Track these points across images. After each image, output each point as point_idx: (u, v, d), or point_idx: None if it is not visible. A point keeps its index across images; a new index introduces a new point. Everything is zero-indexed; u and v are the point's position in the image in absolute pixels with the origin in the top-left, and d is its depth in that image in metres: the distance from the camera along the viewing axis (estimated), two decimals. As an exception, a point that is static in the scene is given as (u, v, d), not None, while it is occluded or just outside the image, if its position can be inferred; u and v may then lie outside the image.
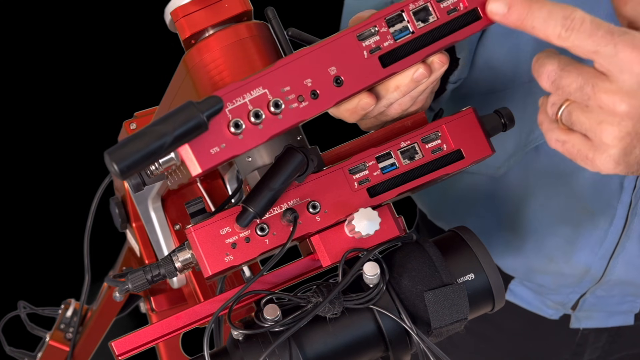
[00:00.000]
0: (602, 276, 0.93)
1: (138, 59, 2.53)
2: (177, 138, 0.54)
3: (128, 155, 0.52)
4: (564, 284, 0.97)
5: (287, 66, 0.59)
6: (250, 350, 0.65)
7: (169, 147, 0.53)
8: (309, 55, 0.60)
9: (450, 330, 0.67)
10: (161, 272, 0.66)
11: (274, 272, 0.69)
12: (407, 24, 0.62)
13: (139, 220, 0.91)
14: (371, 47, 0.62)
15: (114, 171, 0.52)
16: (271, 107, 0.59)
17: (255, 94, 0.59)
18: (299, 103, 0.59)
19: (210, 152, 0.57)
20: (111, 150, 0.52)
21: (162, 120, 0.54)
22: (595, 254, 0.92)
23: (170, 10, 0.65)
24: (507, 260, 0.99)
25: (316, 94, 0.60)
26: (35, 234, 2.32)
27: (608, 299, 0.99)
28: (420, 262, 0.67)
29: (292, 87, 0.59)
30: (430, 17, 0.62)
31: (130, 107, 0.93)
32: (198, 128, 0.55)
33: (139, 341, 0.66)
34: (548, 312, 1.04)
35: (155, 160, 0.55)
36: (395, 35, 0.62)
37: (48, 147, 2.46)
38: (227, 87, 0.58)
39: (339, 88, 0.61)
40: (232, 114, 0.58)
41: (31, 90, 2.53)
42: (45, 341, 1.17)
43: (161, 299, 0.99)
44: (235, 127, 0.58)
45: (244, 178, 0.69)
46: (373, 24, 0.62)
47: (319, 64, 0.60)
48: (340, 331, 0.65)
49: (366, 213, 0.65)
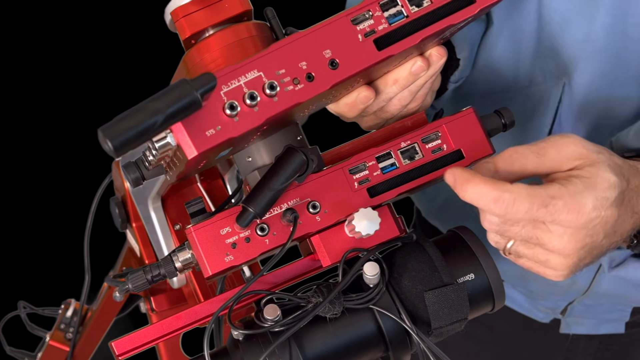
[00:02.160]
0: (588, 289, 0.94)
1: (138, 59, 2.53)
2: (171, 115, 0.53)
3: (122, 131, 0.52)
4: (552, 292, 0.98)
5: (281, 49, 0.59)
6: (250, 350, 0.65)
7: (162, 124, 0.53)
8: (303, 39, 0.60)
9: (450, 330, 0.67)
10: (161, 272, 0.66)
11: (274, 272, 0.69)
12: (401, 8, 0.62)
13: (139, 220, 0.91)
14: (365, 31, 0.62)
15: (108, 148, 0.51)
16: (266, 90, 0.58)
17: (250, 76, 0.59)
18: (294, 85, 0.60)
19: (205, 134, 0.57)
20: (105, 127, 0.52)
21: (156, 97, 0.53)
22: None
23: (170, 10, 0.65)
24: (498, 265, 0.99)
25: (311, 77, 0.60)
26: (35, 234, 2.32)
27: (597, 307, 0.99)
28: (420, 262, 0.67)
29: (287, 69, 0.59)
30: (425, 1, 0.63)
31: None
32: (191, 105, 0.54)
33: (139, 341, 0.66)
34: (539, 315, 1.04)
35: (149, 138, 0.55)
36: (389, 19, 0.62)
37: (48, 147, 2.46)
38: (222, 69, 0.58)
39: (334, 71, 0.61)
40: (227, 96, 0.58)
41: (31, 90, 2.53)
42: (45, 341, 1.17)
43: (161, 299, 0.99)
44: (231, 109, 0.58)
45: (244, 178, 0.69)
46: (367, 8, 0.62)
47: (314, 47, 0.60)
48: (341, 331, 0.65)
49: (366, 213, 0.65)
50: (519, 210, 0.58)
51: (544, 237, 0.61)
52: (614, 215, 0.61)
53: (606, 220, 0.61)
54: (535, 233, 0.61)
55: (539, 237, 0.61)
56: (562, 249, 0.61)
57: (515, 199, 0.57)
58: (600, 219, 0.60)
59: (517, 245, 0.63)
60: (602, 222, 0.61)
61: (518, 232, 0.61)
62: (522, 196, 0.57)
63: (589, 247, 0.62)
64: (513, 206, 0.57)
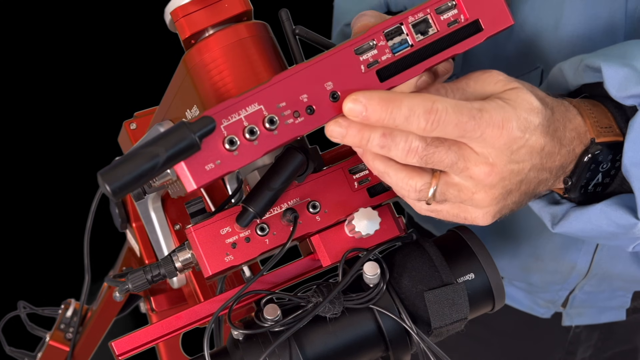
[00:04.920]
0: (588, 271, 0.94)
1: (138, 59, 2.53)
2: (169, 159, 0.54)
3: (120, 176, 0.52)
4: (551, 282, 0.98)
5: (283, 82, 0.58)
6: (251, 350, 0.65)
7: (161, 168, 0.54)
8: (305, 71, 0.59)
9: (450, 330, 0.67)
10: (161, 272, 0.66)
11: (274, 272, 0.69)
12: (406, 37, 0.61)
13: (139, 220, 0.91)
14: (369, 62, 0.60)
15: (107, 192, 0.53)
16: (266, 124, 0.58)
17: (250, 110, 0.58)
18: (294, 119, 0.59)
19: (205, 168, 0.57)
20: (104, 171, 0.53)
21: (155, 140, 0.54)
22: (580, 250, 0.92)
23: (170, 10, 0.65)
24: (497, 261, 0.99)
25: (312, 110, 0.59)
26: (35, 234, 2.33)
27: (598, 295, 0.99)
28: (420, 262, 0.67)
29: (288, 102, 0.58)
30: (430, 29, 0.61)
31: (130, 107, 0.93)
32: (190, 149, 0.54)
33: (139, 341, 0.66)
34: (540, 311, 1.04)
35: (148, 180, 0.55)
36: (393, 48, 0.60)
37: (48, 147, 2.46)
38: (222, 104, 0.57)
39: (335, 103, 0.59)
40: (227, 131, 0.57)
41: (31, 90, 2.53)
42: (45, 341, 1.17)
43: (161, 299, 0.99)
44: (230, 143, 0.57)
45: (244, 178, 0.69)
46: (371, 38, 0.60)
47: (315, 79, 0.59)
48: (341, 331, 0.65)
49: (366, 213, 0.65)
50: (450, 121, 0.56)
51: (470, 159, 0.59)
52: (540, 143, 0.60)
53: (532, 147, 0.60)
54: (462, 154, 0.59)
55: (466, 158, 0.59)
56: (487, 173, 0.59)
57: (447, 109, 0.56)
58: (524, 141, 0.59)
59: (441, 186, 0.61)
60: (528, 148, 0.60)
61: (444, 156, 0.59)
62: (452, 106, 0.57)
63: (515, 176, 0.61)
64: (446, 116, 0.56)
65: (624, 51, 0.68)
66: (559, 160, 0.64)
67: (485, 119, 0.58)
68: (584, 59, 0.68)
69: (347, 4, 0.97)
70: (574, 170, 0.66)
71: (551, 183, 0.66)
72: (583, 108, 0.66)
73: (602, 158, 0.66)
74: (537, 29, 0.81)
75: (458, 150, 0.59)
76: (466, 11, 0.61)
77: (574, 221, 0.69)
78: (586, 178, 0.67)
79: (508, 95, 0.60)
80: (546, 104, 0.62)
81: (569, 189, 0.67)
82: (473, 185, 0.61)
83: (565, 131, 0.63)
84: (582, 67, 0.68)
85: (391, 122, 0.57)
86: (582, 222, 0.68)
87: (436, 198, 0.62)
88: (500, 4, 0.62)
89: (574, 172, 0.66)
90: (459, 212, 0.64)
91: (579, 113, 0.66)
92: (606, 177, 0.68)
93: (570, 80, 0.71)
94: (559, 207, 0.70)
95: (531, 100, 0.60)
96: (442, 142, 0.59)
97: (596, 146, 0.65)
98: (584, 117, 0.65)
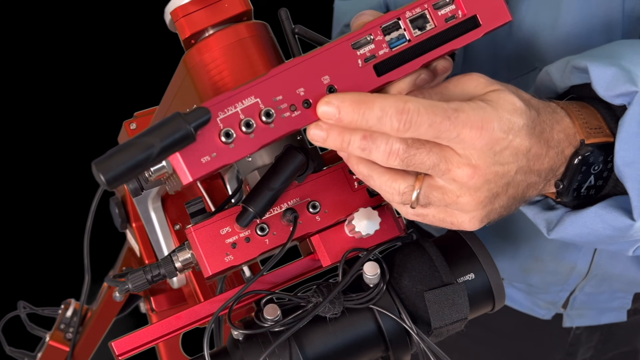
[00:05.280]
0: (588, 272, 0.93)
1: (138, 59, 2.53)
2: (164, 149, 0.54)
3: (115, 166, 0.52)
4: (551, 282, 0.97)
5: (280, 75, 0.58)
6: (250, 350, 0.65)
7: (155, 159, 0.53)
8: (302, 64, 0.59)
9: (450, 330, 0.67)
10: (161, 272, 0.66)
11: (274, 272, 0.69)
12: (404, 32, 0.61)
13: (139, 220, 0.91)
14: (366, 56, 0.60)
15: (101, 181, 0.52)
16: (262, 117, 0.58)
17: (247, 103, 0.58)
18: (291, 112, 0.58)
19: (201, 161, 0.57)
20: (98, 160, 0.53)
21: (150, 131, 0.54)
22: (579, 250, 0.91)
23: (170, 10, 0.65)
24: (497, 262, 0.99)
25: (309, 103, 0.59)
26: (35, 234, 2.33)
27: (598, 296, 0.99)
28: (420, 262, 0.67)
29: (284, 96, 0.58)
30: (428, 24, 0.61)
31: (130, 107, 0.93)
32: (185, 139, 0.54)
33: (139, 341, 0.66)
34: (540, 312, 1.04)
35: (143, 171, 0.55)
36: (391, 43, 0.60)
37: (48, 147, 2.46)
38: (219, 96, 0.57)
39: None
40: (223, 123, 0.57)
41: (31, 90, 2.53)
42: (45, 341, 1.17)
43: (161, 299, 0.99)
44: (226, 136, 0.57)
45: (244, 178, 0.69)
46: (368, 32, 0.60)
47: (312, 73, 0.59)
48: (341, 331, 0.65)
49: (366, 213, 0.65)
50: (423, 122, 0.56)
51: (452, 161, 0.58)
52: (525, 144, 0.60)
53: (516, 148, 0.59)
54: (444, 155, 0.58)
55: (448, 160, 0.58)
56: (470, 175, 0.58)
57: (419, 109, 0.56)
58: (508, 143, 0.59)
59: (424, 189, 0.61)
60: (512, 150, 0.59)
61: (425, 158, 0.58)
62: (425, 106, 0.56)
63: (501, 178, 0.60)
64: (418, 116, 0.55)
65: (610, 51, 0.68)
66: (547, 163, 0.63)
67: (462, 119, 0.57)
68: (571, 60, 0.67)
69: (347, 4, 0.97)
70: (565, 172, 0.65)
71: (541, 187, 0.65)
72: (571, 109, 0.65)
73: (593, 160, 0.65)
74: (535, 29, 0.81)
75: (440, 152, 0.59)
76: (464, 7, 0.61)
77: (569, 226, 0.68)
78: (578, 181, 0.66)
79: (489, 96, 0.60)
80: (531, 105, 0.61)
81: (561, 192, 0.66)
82: (457, 188, 0.60)
83: (553, 132, 0.63)
84: (569, 68, 0.68)
85: (364, 124, 0.56)
86: (577, 226, 0.67)
87: (420, 201, 0.61)
88: (498, 0, 0.62)
89: (565, 174, 0.65)
90: (445, 217, 0.63)
91: (567, 114, 0.65)
92: (599, 180, 0.67)
93: (558, 82, 0.70)
94: (553, 212, 0.69)
95: (514, 101, 0.60)
96: (424, 144, 0.58)
97: (586, 147, 0.64)
98: (572, 119, 0.65)
